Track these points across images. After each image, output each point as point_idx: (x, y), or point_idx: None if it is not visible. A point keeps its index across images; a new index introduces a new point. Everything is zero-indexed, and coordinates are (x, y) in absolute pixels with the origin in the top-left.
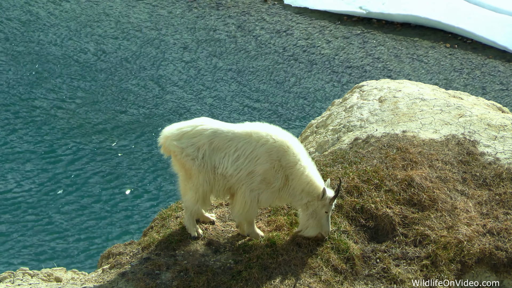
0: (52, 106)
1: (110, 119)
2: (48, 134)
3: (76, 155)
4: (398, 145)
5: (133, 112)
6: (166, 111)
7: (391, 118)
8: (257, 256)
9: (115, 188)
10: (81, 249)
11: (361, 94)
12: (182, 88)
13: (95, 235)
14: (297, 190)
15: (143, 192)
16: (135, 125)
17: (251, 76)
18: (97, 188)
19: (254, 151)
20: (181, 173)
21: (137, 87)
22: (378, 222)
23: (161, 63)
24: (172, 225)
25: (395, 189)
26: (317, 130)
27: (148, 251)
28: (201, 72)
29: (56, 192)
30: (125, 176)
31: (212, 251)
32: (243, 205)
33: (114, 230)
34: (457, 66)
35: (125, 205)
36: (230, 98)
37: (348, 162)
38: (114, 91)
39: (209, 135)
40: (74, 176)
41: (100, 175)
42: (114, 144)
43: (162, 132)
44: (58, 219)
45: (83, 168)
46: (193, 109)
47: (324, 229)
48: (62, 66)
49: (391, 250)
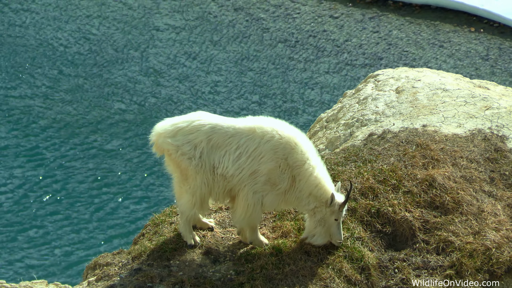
0: (31, 101)
1: (96, 115)
2: (27, 133)
3: (59, 155)
4: (418, 141)
5: (121, 106)
6: (159, 104)
7: (410, 111)
8: (261, 266)
9: (102, 191)
10: (64, 259)
11: (376, 84)
12: (176, 79)
13: (80, 243)
14: (305, 193)
15: (133, 195)
16: (124, 121)
17: (253, 65)
18: (83, 191)
19: (258, 148)
20: (176, 174)
21: (125, 78)
22: (396, 227)
23: (152, 50)
24: (166, 232)
25: (415, 190)
26: (327, 124)
27: (139, 261)
28: (197, 61)
29: (37, 196)
30: (113, 177)
31: (210, 260)
32: (245, 209)
33: (101, 237)
34: (482, 52)
35: (113, 210)
36: (230, 90)
37: (362, 160)
38: (100, 83)
39: (207, 131)
40: (56, 178)
41: (85, 177)
42: (100, 142)
43: (154, 128)
44: (39, 225)
45: (66, 170)
46: (188, 103)
47: (334, 238)
48: (41, 55)
49: (411, 258)
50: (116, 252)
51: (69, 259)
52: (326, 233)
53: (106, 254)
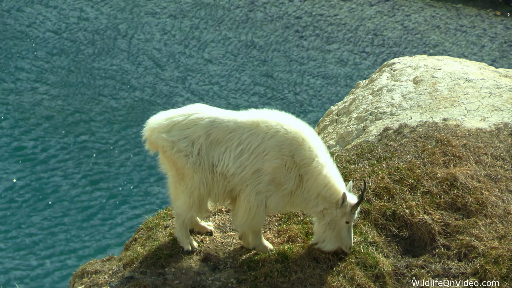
0: (13, 94)
1: (84, 108)
2: (9, 128)
3: (44, 152)
4: (438, 137)
5: (111, 98)
6: (153, 96)
7: (429, 103)
8: (265, 274)
9: (91, 192)
10: (49, 267)
11: (391, 74)
12: (172, 68)
13: (66, 249)
14: (312, 194)
15: (125, 196)
16: (114, 115)
17: (257, 53)
18: (69, 192)
19: (262, 144)
20: (171, 173)
21: (116, 67)
22: (414, 231)
23: (145, 36)
24: (160, 237)
25: (435, 190)
26: (338, 118)
27: (131, 268)
28: (195, 48)
29: (20, 198)
30: (102, 177)
31: (209, 268)
32: (248, 212)
33: (90, 243)
34: (509, 38)
35: (103, 212)
36: (231, 80)
37: (377, 157)
38: (88, 73)
39: (206, 125)
40: (41, 178)
41: (72, 177)
42: (89, 138)
43: (148, 122)
44: (21, 230)
45: (51, 169)
46: (185, 94)
47: (344, 243)
48: (22, 42)
49: (430, 265)
50: (105, 259)
51: (54, 266)
52: (337, 237)
53: (94, 261)
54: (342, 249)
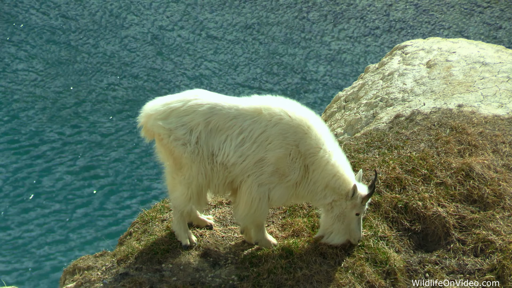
0: (2, 80)
1: (77, 95)
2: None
3: (33, 141)
4: (453, 124)
5: (106, 84)
6: (150, 82)
7: (443, 89)
8: (269, 271)
9: (84, 183)
10: (39, 262)
11: (403, 57)
12: (171, 52)
13: (56, 244)
14: (320, 186)
15: (119, 188)
16: (108, 102)
17: (260, 36)
18: (61, 184)
19: (265, 132)
20: (168, 163)
21: (111, 51)
22: (427, 224)
23: (142, 19)
24: (156, 231)
25: (449, 181)
26: (346, 104)
27: (126, 264)
28: (196, 31)
29: (7, 189)
30: (96, 167)
31: (209, 264)
32: (250, 204)
33: (82, 237)
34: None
35: (95, 205)
36: (232, 64)
37: (387, 146)
38: (81, 58)
39: (205, 112)
40: (30, 168)
41: (63, 167)
42: (82, 126)
43: (144, 108)
44: (9, 223)
45: (41, 158)
46: (185, 79)
47: (353, 235)
48: (11, 27)
49: (444, 261)
50: (98, 254)
51: (44, 262)
52: (345, 230)
53: (87, 256)
54: (351, 241)
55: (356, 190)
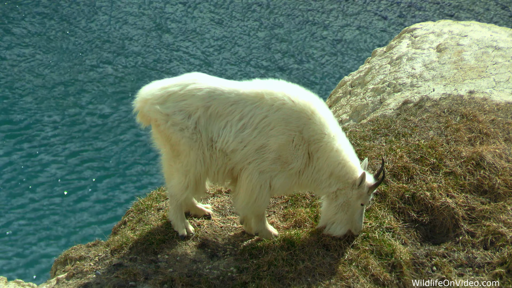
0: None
1: (69, 77)
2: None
3: (22, 125)
4: (463, 111)
5: (100, 66)
6: (146, 64)
7: (454, 74)
8: (269, 263)
9: (76, 170)
10: (29, 253)
11: (412, 41)
12: (168, 32)
13: (47, 233)
14: (324, 174)
15: (113, 175)
16: (102, 84)
17: (260, 15)
18: (51, 170)
19: (266, 118)
20: (165, 149)
21: (104, 31)
22: (435, 216)
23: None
24: (152, 220)
25: (459, 171)
26: (352, 90)
27: (120, 255)
28: (193, 9)
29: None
30: (89, 154)
31: (207, 255)
32: (250, 193)
33: (73, 226)
34: None
35: (88, 193)
36: (234, 46)
37: (395, 134)
38: (72, 37)
39: (204, 97)
40: (20, 155)
41: (55, 154)
42: (73, 112)
43: (139, 93)
44: (2, 211)
45: (31, 145)
46: (183, 62)
47: (355, 226)
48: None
49: (453, 254)
50: (91, 244)
51: (34, 252)
52: (348, 220)
53: (79, 246)
54: (352, 232)
55: (364, 179)
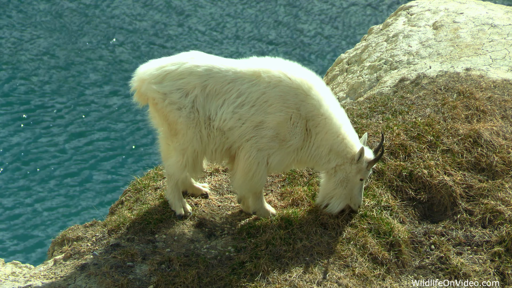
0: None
1: (65, 51)
2: None
3: (19, 107)
4: (460, 88)
5: (95, 43)
6: (142, 42)
7: (450, 51)
8: (267, 242)
9: (73, 149)
10: (25, 234)
11: (408, 18)
12: (159, 11)
13: (43, 214)
14: (323, 150)
15: (109, 153)
16: (98, 61)
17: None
18: (48, 150)
19: (264, 95)
20: (163, 128)
21: (96, 7)
22: (433, 194)
23: None
24: (149, 200)
25: (456, 148)
26: (349, 67)
27: (117, 235)
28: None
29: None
30: (86, 133)
31: (204, 235)
32: (247, 171)
33: (71, 206)
34: None
35: (84, 171)
36: (229, 24)
37: (392, 111)
38: (68, 16)
39: (201, 74)
40: (14, 132)
41: (52, 133)
42: (71, 90)
43: (137, 72)
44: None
45: (26, 122)
46: (179, 40)
47: (354, 201)
48: None
49: (451, 232)
50: (88, 224)
51: (32, 233)
52: (347, 195)
53: (76, 226)
54: (351, 207)
55: (363, 154)
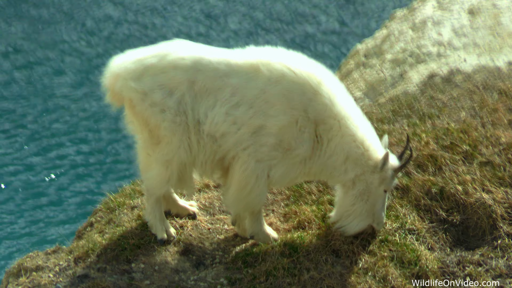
0: None
1: (26, 43)
2: None
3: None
4: (502, 87)
5: (65, 34)
6: (121, 32)
7: (489, 41)
8: (267, 272)
9: (33, 161)
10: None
11: (438, 1)
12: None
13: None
14: (338, 159)
15: (78, 166)
16: (69, 55)
17: None
18: (6, 161)
19: (264, 94)
20: (142, 135)
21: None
22: (469, 215)
23: None
24: (125, 221)
25: (497, 160)
26: (367, 61)
27: (85, 264)
28: None
29: None
30: (49, 141)
31: (192, 264)
32: (244, 186)
33: (30, 229)
34: None
35: (48, 188)
36: (224, 11)
37: (419, 115)
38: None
39: (188, 68)
40: None
41: (10, 142)
42: (31, 91)
43: (109, 66)
44: None
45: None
46: (164, 28)
47: (377, 219)
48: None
49: (490, 261)
50: (50, 251)
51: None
52: (369, 212)
53: (35, 253)
54: (373, 226)
55: (388, 160)
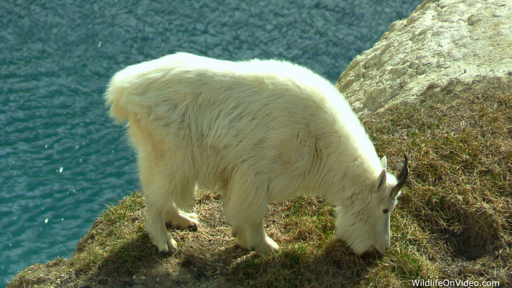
0: None
1: (21, 54)
2: None
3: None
4: (501, 97)
5: (66, 41)
6: (121, 43)
7: (489, 52)
8: (268, 284)
9: (34, 172)
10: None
11: (438, 12)
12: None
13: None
14: (336, 175)
15: (79, 178)
16: (68, 68)
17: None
18: (5, 172)
19: (266, 107)
20: (146, 148)
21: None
22: (469, 224)
23: None
24: (126, 233)
25: (497, 169)
26: (367, 72)
27: (87, 276)
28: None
29: None
30: (51, 152)
31: (193, 275)
32: (244, 198)
33: (32, 242)
34: None
35: (49, 200)
36: (225, 19)
37: (419, 125)
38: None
39: (193, 81)
40: None
41: (11, 151)
42: (31, 99)
43: (113, 81)
44: None
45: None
46: (167, 41)
47: (380, 240)
48: None
49: (491, 271)
50: (52, 263)
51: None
52: (370, 232)
53: (37, 265)
54: (376, 248)
55: (385, 178)
